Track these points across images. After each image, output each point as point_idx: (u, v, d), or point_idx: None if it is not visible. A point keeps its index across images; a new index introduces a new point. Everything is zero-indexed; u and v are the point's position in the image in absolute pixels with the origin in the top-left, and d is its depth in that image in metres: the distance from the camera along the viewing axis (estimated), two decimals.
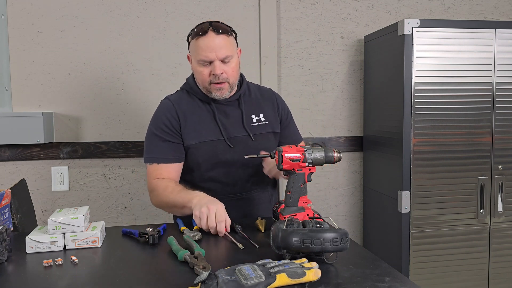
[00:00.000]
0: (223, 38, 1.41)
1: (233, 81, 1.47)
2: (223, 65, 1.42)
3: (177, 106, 1.51)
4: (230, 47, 1.43)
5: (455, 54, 2.05)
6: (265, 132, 1.54)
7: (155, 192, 1.47)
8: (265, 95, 1.62)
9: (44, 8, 2.24)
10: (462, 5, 2.61)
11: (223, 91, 1.46)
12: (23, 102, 2.24)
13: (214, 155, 1.48)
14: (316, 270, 0.86)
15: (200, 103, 1.53)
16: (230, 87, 1.47)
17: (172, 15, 2.34)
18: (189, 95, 1.55)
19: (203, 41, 1.41)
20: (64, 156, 2.28)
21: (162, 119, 1.50)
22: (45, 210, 2.29)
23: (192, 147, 1.49)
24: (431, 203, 2.08)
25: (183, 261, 1.02)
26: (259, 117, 1.55)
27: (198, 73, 1.47)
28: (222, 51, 1.40)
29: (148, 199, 2.35)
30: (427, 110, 2.05)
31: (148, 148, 1.51)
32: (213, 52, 1.40)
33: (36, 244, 1.13)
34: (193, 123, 1.49)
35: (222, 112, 1.52)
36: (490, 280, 2.15)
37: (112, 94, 2.31)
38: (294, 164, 1.18)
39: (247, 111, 1.54)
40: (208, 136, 1.49)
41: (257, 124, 1.54)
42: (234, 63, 1.45)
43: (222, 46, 1.41)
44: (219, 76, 1.42)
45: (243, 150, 1.45)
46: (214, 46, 1.40)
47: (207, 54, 1.40)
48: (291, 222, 1.02)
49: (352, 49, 2.53)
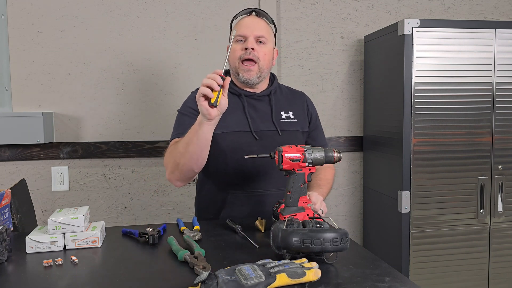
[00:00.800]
0: (262, 21, 1.50)
1: (263, 65, 1.48)
2: (257, 44, 1.46)
3: None
4: (267, 31, 1.49)
5: (455, 54, 2.05)
6: (293, 130, 1.54)
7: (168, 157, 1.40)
8: (295, 95, 1.64)
9: (44, 8, 2.24)
10: (462, 5, 2.61)
11: (251, 73, 1.46)
12: (23, 102, 2.24)
13: (239, 146, 1.47)
14: (316, 270, 0.86)
15: (231, 95, 1.50)
16: (259, 71, 1.47)
17: (172, 15, 2.34)
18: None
19: (243, 21, 1.49)
20: (64, 156, 2.28)
21: (190, 103, 1.51)
22: (45, 210, 2.29)
23: (218, 136, 1.46)
24: (431, 203, 2.08)
25: (183, 261, 1.02)
26: (289, 114, 1.56)
27: (232, 52, 1.48)
28: (259, 30, 1.46)
29: (148, 199, 2.37)
30: (427, 110, 2.05)
31: (176, 126, 1.49)
32: (249, 29, 1.45)
33: (36, 244, 1.13)
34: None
35: (252, 105, 1.53)
36: (490, 280, 2.15)
37: (112, 94, 2.31)
38: (294, 164, 1.18)
39: (277, 107, 1.55)
40: (235, 126, 1.49)
41: (286, 120, 1.54)
42: (268, 49, 1.48)
43: (260, 27, 1.47)
44: (250, 51, 1.44)
45: (270, 144, 1.44)
46: (251, 24, 1.47)
47: (243, 30, 1.46)
48: (291, 222, 1.02)
49: (352, 49, 2.53)
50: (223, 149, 1.49)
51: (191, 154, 1.32)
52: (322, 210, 1.31)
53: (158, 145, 2.34)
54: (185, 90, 2.35)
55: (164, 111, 2.35)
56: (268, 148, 1.34)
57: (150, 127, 2.35)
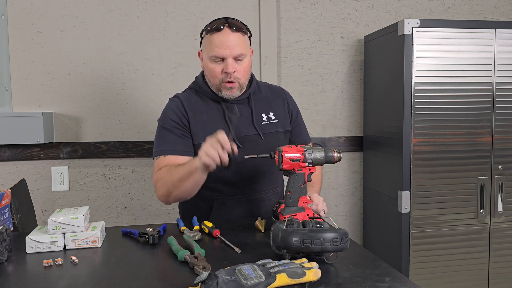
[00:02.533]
0: (238, 36, 1.39)
1: (243, 81, 1.45)
2: (236, 63, 1.40)
3: (186, 104, 1.48)
4: (244, 45, 1.41)
5: (455, 54, 2.05)
6: (275, 131, 1.52)
7: (159, 182, 1.40)
8: (275, 93, 1.59)
9: (44, 8, 2.24)
10: (462, 5, 2.61)
11: (233, 91, 1.43)
12: (23, 102, 2.24)
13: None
14: (316, 270, 0.86)
15: (210, 102, 1.49)
16: (240, 87, 1.45)
17: (172, 15, 2.34)
18: (198, 94, 1.52)
19: (217, 37, 1.38)
20: (64, 156, 2.28)
21: (171, 115, 1.47)
22: (45, 210, 2.29)
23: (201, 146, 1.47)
24: (431, 203, 2.08)
25: (183, 261, 1.02)
26: (270, 116, 1.53)
27: (209, 70, 1.43)
28: (236, 49, 1.38)
29: (148, 199, 2.37)
30: (427, 110, 2.05)
31: (156, 143, 1.47)
32: (227, 49, 1.37)
33: (36, 244, 1.13)
34: (202, 122, 1.46)
35: (231, 110, 1.49)
36: (490, 280, 2.15)
37: (112, 94, 2.31)
38: (294, 164, 1.18)
39: (257, 110, 1.52)
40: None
41: (267, 122, 1.51)
42: (246, 63, 1.43)
43: (237, 44, 1.38)
44: (231, 74, 1.39)
45: (253, 150, 1.41)
46: (228, 43, 1.37)
47: (221, 51, 1.37)
48: (291, 222, 1.02)
49: (352, 49, 2.53)
50: None
51: (186, 189, 1.35)
52: (324, 210, 1.31)
53: None
54: None
55: None
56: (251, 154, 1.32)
57: (150, 127, 2.35)
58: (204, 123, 1.46)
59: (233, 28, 1.39)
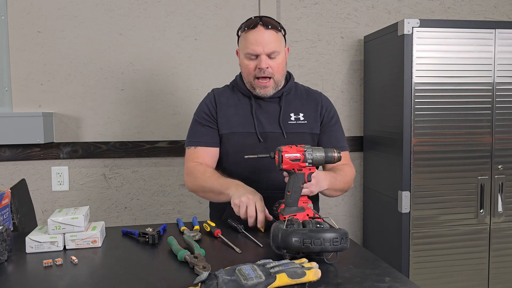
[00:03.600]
0: (271, 33, 1.44)
1: (278, 78, 1.48)
2: (269, 60, 1.44)
3: (217, 97, 1.55)
4: (277, 43, 1.45)
5: (455, 54, 2.05)
6: (301, 132, 1.52)
7: (192, 176, 1.49)
8: (311, 96, 1.60)
9: (44, 8, 2.24)
10: (462, 5, 2.61)
11: (267, 89, 1.47)
12: (23, 102, 2.24)
13: (243, 147, 1.48)
14: (316, 270, 0.86)
15: (241, 97, 1.55)
16: (275, 84, 1.48)
17: (172, 15, 2.34)
18: (233, 89, 1.58)
19: (251, 35, 1.43)
20: (64, 156, 2.28)
21: (203, 107, 1.55)
22: (45, 210, 2.29)
23: (224, 136, 1.51)
24: (431, 203, 2.08)
25: (183, 261, 1.02)
26: (298, 116, 1.53)
27: (244, 67, 1.48)
28: (270, 46, 1.42)
29: (148, 199, 2.37)
30: (427, 110, 2.05)
31: (189, 133, 1.56)
32: (260, 46, 1.42)
33: (36, 244, 1.13)
34: (228, 114, 1.52)
35: (261, 107, 1.53)
36: (490, 280, 2.15)
37: (112, 94, 2.31)
38: (294, 164, 1.18)
39: (286, 109, 1.53)
40: (240, 127, 1.50)
41: (295, 122, 1.52)
42: (281, 60, 1.47)
43: (270, 41, 1.43)
44: (264, 70, 1.43)
45: (274, 146, 1.42)
46: (262, 40, 1.42)
47: (254, 48, 1.43)
48: (291, 222, 1.02)
49: (352, 49, 2.53)
50: (227, 149, 1.51)
51: (210, 198, 1.47)
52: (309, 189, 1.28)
53: (158, 145, 2.34)
54: (185, 90, 2.36)
55: (164, 111, 2.35)
56: (272, 150, 1.34)
57: (150, 127, 2.35)
58: (230, 115, 1.52)
59: (267, 26, 1.43)
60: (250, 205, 1.25)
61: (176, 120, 2.36)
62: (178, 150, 2.35)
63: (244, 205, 1.26)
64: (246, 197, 1.26)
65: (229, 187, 1.35)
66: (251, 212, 1.25)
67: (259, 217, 1.25)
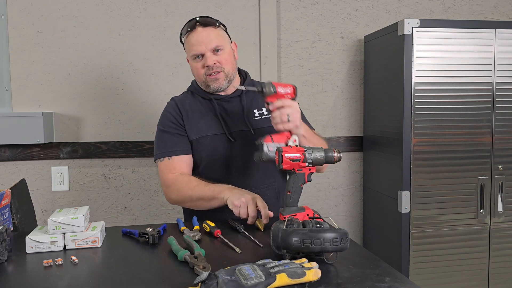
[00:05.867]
0: (210, 30, 1.47)
1: (229, 70, 1.49)
2: (215, 56, 1.46)
3: (180, 105, 1.56)
4: (219, 38, 1.48)
5: (455, 54, 2.05)
6: (267, 126, 1.50)
7: (175, 187, 1.46)
8: None
9: (44, 8, 2.24)
10: (462, 5, 2.61)
11: (219, 81, 1.48)
12: (23, 102, 2.24)
13: (215, 149, 1.49)
14: (316, 270, 0.86)
15: (202, 101, 1.56)
16: (226, 77, 1.49)
17: (172, 15, 2.34)
18: (193, 95, 1.59)
19: (192, 37, 1.47)
20: (64, 156, 2.28)
21: (168, 116, 1.55)
22: (45, 210, 2.29)
23: (194, 142, 1.51)
24: (431, 203, 2.08)
25: (183, 261, 1.02)
26: (262, 111, 1.55)
27: (194, 69, 1.51)
28: (212, 43, 1.45)
29: (148, 199, 2.37)
30: (427, 110, 2.05)
31: (158, 145, 1.54)
32: (203, 45, 1.45)
33: (36, 244, 1.13)
34: (195, 119, 1.52)
35: (223, 108, 1.54)
36: (490, 280, 2.15)
37: (112, 94, 2.31)
38: (294, 164, 1.18)
39: (249, 106, 1.55)
40: (209, 130, 1.50)
41: (259, 118, 1.54)
42: (227, 54, 1.48)
43: (211, 37, 1.45)
44: (212, 66, 1.45)
45: (245, 145, 1.45)
46: (202, 39, 1.45)
47: (197, 48, 1.45)
48: (291, 222, 1.02)
49: (352, 49, 2.53)
50: (200, 154, 1.52)
51: (200, 206, 1.43)
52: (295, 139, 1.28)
53: None
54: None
55: None
56: (245, 148, 1.36)
57: (150, 127, 2.35)
58: (196, 120, 1.52)
59: (204, 24, 1.46)
60: (251, 204, 1.27)
61: None
62: None
63: (244, 205, 1.27)
64: (245, 198, 1.27)
65: (221, 191, 1.35)
66: (252, 212, 1.26)
67: (263, 213, 1.26)
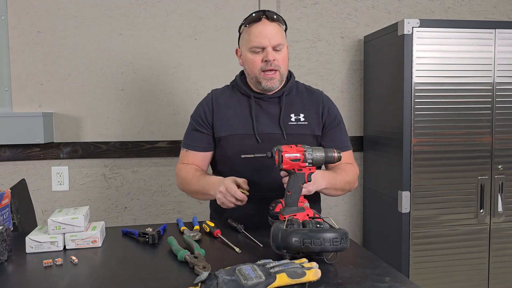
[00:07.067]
0: (276, 26, 1.43)
1: (284, 71, 1.47)
2: (275, 52, 1.42)
3: (214, 99, 1.54)
4: (282, 36, 1.45)
5: (455, 54, 2.05)
6: (302, 133, 1.50)
7: (178, 177, 1.55)
8: (312, 96, 1.57)
9: (44, 8, 2.24)
10: (462, 5, 2.61)
11: (274, 81, 1.45)
12: (23, 102, 2.24)
13: (242, 149, 1.45)
14: (316, 270, 0.86)
15: (241, 97, 1.53)
16: (280, 77, 1.46)
17: (172, 15, 2.34)
18: (233, 89, 1.57)
19: (256, 28, 1.42)
20: (64, 156, 2.28)
21: (199, 110, 1.56)
22: (45, 210, 2.29)
23: (222, 138, 1.50)
24: (431, 203, 2.08)
25: (183, 261, 1.02)
26: (299, 117, 1.50)
27: (249, 62, 1.45)
28: (275, 38, 1.41)
29: (148, 199, 2.38)
30: (427, 110, 2.05)
31: (185, 135, 1.59)
32: (266, 39, 1.41)
33: (36, 244, 1.13)
34: (227, 116, 1.51)
35: (261, 107, 1.51)
36: (490, 280, 2.15)
37: (112, 94, 2.31)
38: (294, 164, 1.18)
39: (287, 109, 1.51)
40: (238, 129, 1.48)
41: (295, 123, 1.49)
42: (285, 53, 1.46)
43: (275, 33, 1.42)
44: (271, 62, 1.41)
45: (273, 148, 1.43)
46: (267, 32, 1.41)
47: (260, 40, 1.41)
48: (291, 222, 1.02)
49: (352, 49, 2.53)
50: (227, 152, 1.50)
51: (198, 198, 1.52)
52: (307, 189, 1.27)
53: (158, 145, 2.34)
54: (185, 90, 2.36)
55: (164, 111, 2.35)
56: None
57: (150, 127, 2.35)
58: (228, 117, 1.51)
59: (271, 18, 1.43)
60: (230, 188, 1.28)
61: (176, 120, 2.36)
62: (178, 150, 2.30)
63: (227, 195, 1.29)
64: (221, 188, 1.30)
65: (209, 189, 1.39)
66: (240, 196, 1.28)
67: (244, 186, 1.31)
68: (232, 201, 1.29)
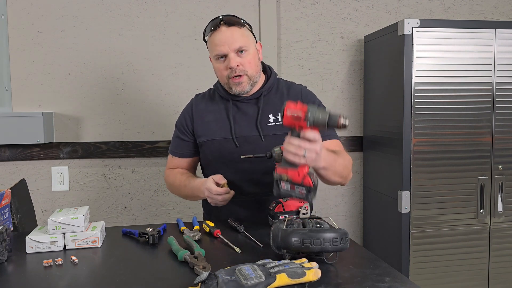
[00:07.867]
0: (235, 30, 1.41)
1: (252, 73, 1.43)
2: (238, 57, 1.40)
3: (194, 106, 1.57)
4: (243, 38, 1.42)
5: (455, 54, 2.05)
6: (280, 133, 1.43)
7: (167, 182, 1.62)
8: (291, 93, 1.53)
9: (44, 8, 2.24)
10: (462, 5, 2.61)
11: (242, 85, 1.43)
12: (23, 102, 2.24)
13: (222, 153, 1.47)
14: (316, 270, 0.86)
15: (220, 101, 1.53)
16: (250, 80, 1.43)
17: (172, 15, 2.34)
18: (214, 93, 1.58)
19: (215, 36, 1.42)
20: (64, 156, 2.28)
21: (181, 118, 1.60)
22: (45, 210, 2.29)
23: (203, 144, 1.51)
24: (431, 203, 2.08)
25: (183, 261, 1.02)
26: (277, 117, 1.47)
27: (217, 70, 1.47)
28: (235, 43, 1.39)
29: (148, 199, 2.38)
30: (427, 110, 2.05)
31: (171, 140, 1.64)
32: (226, 45, 1.39)
33: (36, 244, 1.13)
34: (207, 121, 1.51)
35: (239, 109, 1.49)
36: (490, 280, 2.15)
37: (112, 94, 2.31)
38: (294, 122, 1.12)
39: (265, 110, 1.48)
40: (217, 134, 1.48)
41: (273, 124, 1.46)
42: (251, 55, 1.42)
43: (235, 38, 1.40)
44: (235, 69, 1.40)
45: (252, 151, 1.40)
46: (226, 39, 1.39)
47: (221, 48, 1.40)
48: (291, 222, 1.02)
49: (352, 49, 2.53)
50: (208, 156, 1.52)
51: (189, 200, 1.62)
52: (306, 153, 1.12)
53: (158, 145, 2.34)
54: (185, 90, 2.36)
55: (164, 111, 2.35)
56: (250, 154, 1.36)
57: (150, 127, 2.35)
58: (209, 122, 1.52)
59: (229, 24, 1.41)
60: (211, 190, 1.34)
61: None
62: None
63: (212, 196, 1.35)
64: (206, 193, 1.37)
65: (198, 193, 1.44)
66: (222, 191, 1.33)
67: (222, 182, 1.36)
68: (219, 198, 1.34)
